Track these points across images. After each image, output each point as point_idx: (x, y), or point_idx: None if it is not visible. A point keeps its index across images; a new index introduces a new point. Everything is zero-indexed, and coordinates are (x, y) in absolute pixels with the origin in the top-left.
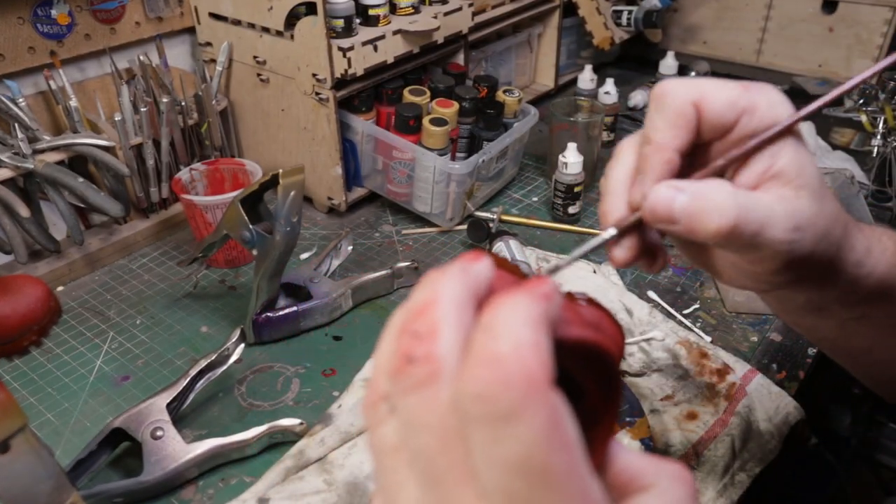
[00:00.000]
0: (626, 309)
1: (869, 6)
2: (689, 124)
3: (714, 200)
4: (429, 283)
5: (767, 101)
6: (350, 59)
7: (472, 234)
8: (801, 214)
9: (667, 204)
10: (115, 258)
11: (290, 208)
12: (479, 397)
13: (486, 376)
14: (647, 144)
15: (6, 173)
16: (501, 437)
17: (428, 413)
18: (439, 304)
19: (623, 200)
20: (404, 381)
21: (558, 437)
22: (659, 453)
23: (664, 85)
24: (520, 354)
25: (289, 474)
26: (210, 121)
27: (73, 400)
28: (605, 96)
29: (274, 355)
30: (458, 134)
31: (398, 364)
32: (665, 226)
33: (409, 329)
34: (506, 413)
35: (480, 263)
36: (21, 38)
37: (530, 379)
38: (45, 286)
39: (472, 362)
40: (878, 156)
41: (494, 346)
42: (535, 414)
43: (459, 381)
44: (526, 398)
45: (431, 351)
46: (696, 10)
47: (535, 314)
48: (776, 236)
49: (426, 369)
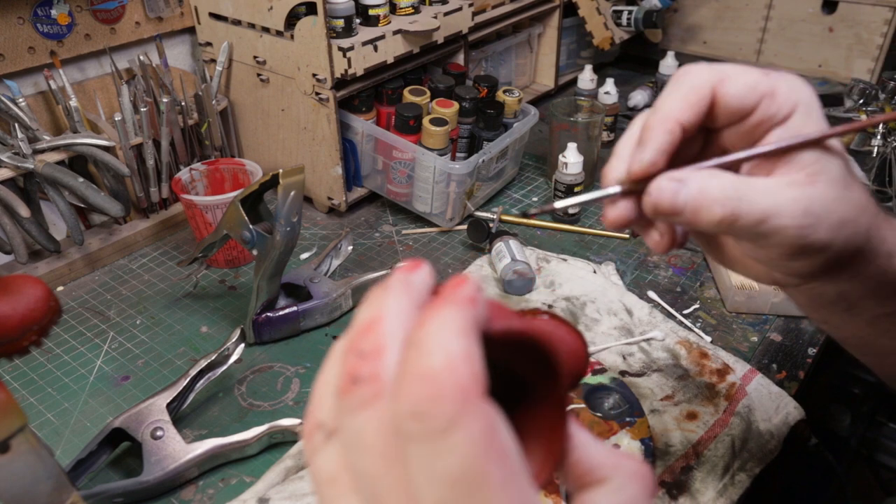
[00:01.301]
0: (626, 309)
1: (869, 6)
2: (699, 101)
3: (715, 192)
4: (373, 301)
5: (788, 85)
6: (350, 59)
7: (472, 234)
8: (814, 200)
9: (670, 196)
10: (115, 258)
11: (290, 208)
12: (415, 414)
13: (420, 392)
14: (653, 115)
15: (6, 173)
16: (438, 451)
17: (371, 433)
18: (384, 321)
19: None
20: (349, 402)
21: (494, 448)
22: (659, 453)
23: (687, 66)
24: (451, 368)
25: (289, 474)
26: (210, 121)
27: (73, 400)
28: (605, 96)
29: (274, 355)
30: (458, 134)
31: (343, 384)
32: (668, 217)
33: (355, 348)
34: (441, 427)
35: (420, 272)
36: (21, 38)
37: (463, 391)
38: (45, 286)
39: (405, 380)
40: (878, 156)
41: (426, 362)
42: (470, 425)
43: (394, 399)
44: (460, 411)
45: (377, 370)
46: (696, 10)
47: (461, 323)
48: (783, 223)
49: (371, 389)
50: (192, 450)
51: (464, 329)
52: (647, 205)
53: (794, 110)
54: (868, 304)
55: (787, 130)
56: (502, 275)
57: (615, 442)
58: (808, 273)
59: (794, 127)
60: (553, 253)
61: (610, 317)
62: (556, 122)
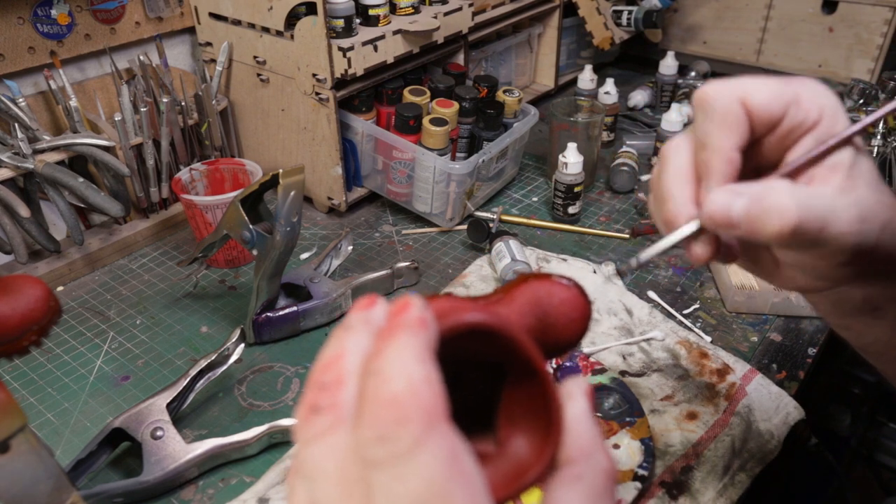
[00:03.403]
0: (626, 309)
1: (869, 6)
2: (740, 122)
3: (774, 201)
4: (334, 340)
5: (811, 91)
6: (350, 59)
7: (472, 234)
8: (864, 204)
9: (725, 209)
10: (115, 258)
11: (290, 208)
12: (379, 438)
13: (384, 417)
14: (703, 150)
15: (6, 173)
16: (403, 474)
17: (329, 462)
18: (344, 356)
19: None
20: (308, 432)
21: (458, 469)
22: (659, 453)
23: (704, 89)
24: (413, 392)
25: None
26: (210, 121)
27: (73, 400)
28: (605, 96)
29: (274, 355)
30: (458, 134)
31: (303, 414)
32: (726, 230)
33: (316, 382)
34: (406, 449)
35: (377, 309)
36: (21, 38)
37: (427, 414)
38: (45, 286)
39: (368, 406)
40: (878, 156)
41: (388, 388)
42: (435, 447)
43: (358, 426)
44: (425, 432)
45: (336, 399)
46: (696, 10)
47: (417, 348)
48: (842, 229)
49: (329, 418)
50: (192, 450)
51: (420, 353)
52: (703, 217)
53: (822, 114)
54: (892, 307)
55: (819, 135)
56: (502, 275)
57: (615, 442)
58: (852, 277)
59: (823, 131)
60: (553, 253)
61: (610, 317)
62: (556, 122)
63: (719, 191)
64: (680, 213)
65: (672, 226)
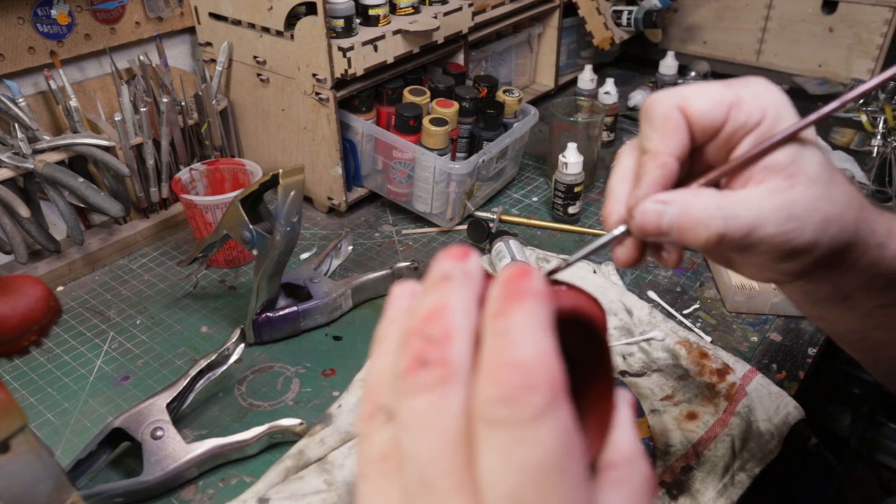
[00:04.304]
0: (626, 309)
1: (869, 6)
2: (677, 128)
3: (699, 212)
4: (434, 289)
5: (752, 92)
6: (350, 59)
7: (472, 234)
8: (796, 203)
9: (655, 219)
10: (115, 258)
11: (290, 208)
12: (504, 400)
13: (510, 381)
14: (644, 154)
15: (6, 173)
16: (523, 439)
17: (435, 416)
18: (450, 310)
19: (621, 201)
20: (413, 383)
21: (573, 447)
22: (659, 453)
23: (649, 98)
24: (543, 361)
25: (289, 474)
26: (210, 121)
27: (73, 400)
28: (605, 96)
29: (274, 355)
30: (458, 134)
31: (409, 365)
32: (657, 238)
33: (422, 333)
34: (531, 416)
35: (473, 262)
36: (21, 38)
37: (554, 385)
38: (45, 286)
39: (492, 367)
40: (878, 156)
41: (517, 352)
42: (559, 419)
43: (479, 385)
44: (551, 404)
45: (445, 355)
46: (696, 10)
47: (544, 319)
48: (768, 232)
49: (439, 373)
50: (192, 450)
51: (546, 325)
52: (633, 227)
53: (765, 114)
54: (862, 296)
55: (759, 135)
56: None
57: None
58: (799, 272)
59: (764, 131)
60: (553, 253)
61: (610, 317)
62: (556, 122)
63: (649, 201)
64: (612, 212)
65: (606, 222)
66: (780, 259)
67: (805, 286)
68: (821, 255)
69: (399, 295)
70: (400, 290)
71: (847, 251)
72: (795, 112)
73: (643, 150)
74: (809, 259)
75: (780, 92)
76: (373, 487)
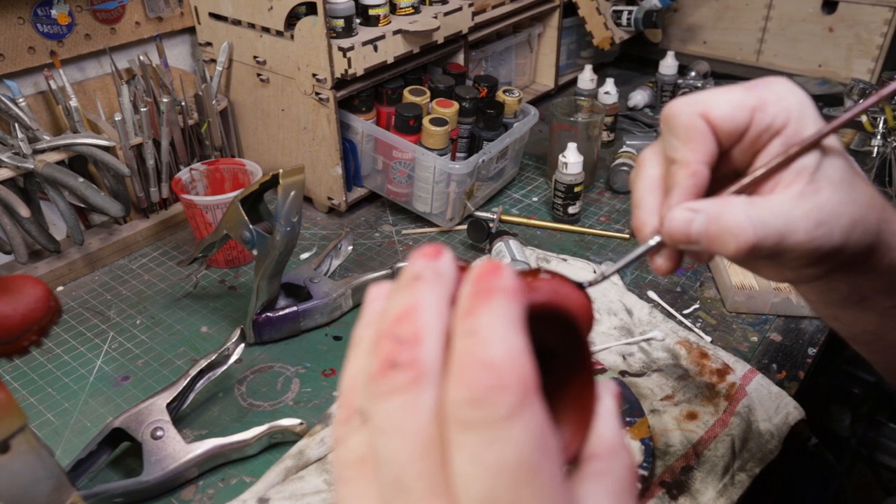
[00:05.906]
0: (626, 309)
1: (869, 6)
2: (703, 136)
3: (729, 222)
4: (405, 289)
5: (775, 95)
6: (350, 59)
7: (472, 234)
8: (823, 208)
9: (684, 227)
10: (115, 258)
11: (290, 208)
12: (474, 401)
13: (480, 381)
14: (672, 164)
15: (6, 173)
16: (495, 440)
17: (406, 418)
18: (421, 311)
19: (653, 212)
20: (384, 386)
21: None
22: (659, 453)
23: (668, 106)
24: (512, 360)
25: (289, 474)
26: (210, 121)
27: (73, 400)
28: (605, 96)
29: (274, 355)
30: (458, 134)
31: (380, 367)
32: (685, 247)
33: (392, 334)
34: (502, 417)
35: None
36: (21, 38)
37: (525, 384)
38: (45, 286)
39: (462, 367)
40: (878, 156)
41: (487, 351)
42: (530, 419)
43: (449, 385)
44: (521, 403)
45: (416, 356)
46: (696, 10)
47: (514, 316)
48: (799, 239)
49: (410, 374)
50: (192, 450)
51: (516, 323)
52: (663, 234)
53: (789, 117)
54: (879, 298)
55: (786, 138)
56: None
57: None
58: (822, 274)
59: (790, 134)
60: (553, 253)
61: (610, 317)
62: (556, 122)
63: (678, 209)
64: (646, 223)
65: (639, 233)
66: (808, 265)
67: (823, 287)
68: (845, 257)
69: (374, 296)
70: (376, 292)
71: (870, 253)
72: (818, 112)
73: (670, 161)
74: (835, 262)
75: (803, 92)
76: (352, 491)
